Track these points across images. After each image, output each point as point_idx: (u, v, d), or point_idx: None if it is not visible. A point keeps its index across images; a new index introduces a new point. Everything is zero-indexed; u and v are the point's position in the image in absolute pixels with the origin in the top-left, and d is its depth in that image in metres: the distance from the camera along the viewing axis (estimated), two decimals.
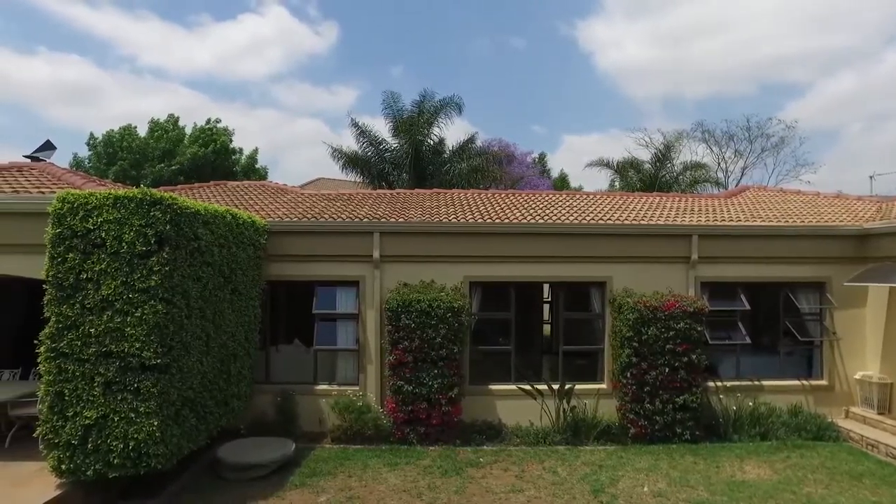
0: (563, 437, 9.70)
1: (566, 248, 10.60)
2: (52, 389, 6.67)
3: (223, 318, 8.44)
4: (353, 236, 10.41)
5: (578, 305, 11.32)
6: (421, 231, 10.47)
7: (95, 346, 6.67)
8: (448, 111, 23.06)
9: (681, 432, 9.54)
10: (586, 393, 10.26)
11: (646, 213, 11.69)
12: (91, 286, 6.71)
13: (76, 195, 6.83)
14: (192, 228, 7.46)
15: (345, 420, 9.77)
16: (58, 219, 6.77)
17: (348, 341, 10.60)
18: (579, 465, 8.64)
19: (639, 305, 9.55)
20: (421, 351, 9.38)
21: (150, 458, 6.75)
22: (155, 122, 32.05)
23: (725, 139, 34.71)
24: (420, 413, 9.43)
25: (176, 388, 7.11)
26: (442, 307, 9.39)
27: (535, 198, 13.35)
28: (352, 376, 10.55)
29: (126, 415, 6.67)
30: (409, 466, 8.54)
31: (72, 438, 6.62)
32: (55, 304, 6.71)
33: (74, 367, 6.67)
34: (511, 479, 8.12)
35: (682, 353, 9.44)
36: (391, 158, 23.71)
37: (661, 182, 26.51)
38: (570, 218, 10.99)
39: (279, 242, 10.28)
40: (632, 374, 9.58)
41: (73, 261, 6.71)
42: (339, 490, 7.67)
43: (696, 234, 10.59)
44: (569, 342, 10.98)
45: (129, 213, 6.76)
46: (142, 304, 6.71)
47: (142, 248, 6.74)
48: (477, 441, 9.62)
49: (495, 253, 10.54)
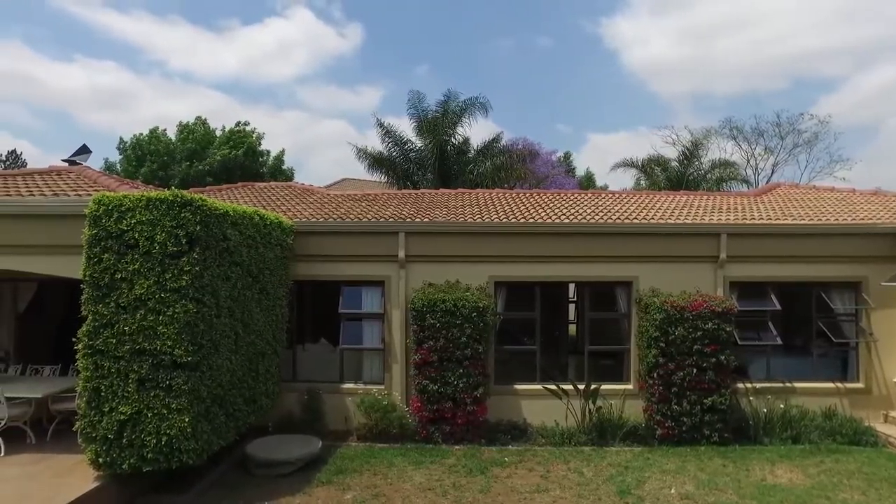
0: (589, 438, 9.64)
1: (592, 248, 10.53)
2: (89, 385, 6.88)
3: (251, 318, 8.59)
4: (378, 236, 10.49)
5: (604, 305, 11.23)
6: (446, 231, 10.51)
7: (130, 343, 6.86)
8: (473, 111, 23.04)
9: (709, 434, 9.39)
10: (612, 393, 10.18)
11: (673, 211, 11.55)
12: (125, 286, 6.89)
13: (111, 197, 7.03)
14: (221, 229, 7.61)
15: (370, 419, 9.86)
16: (94, 220, 6.96)
17: (374, 341, 10.69)
18: (605, 466, 8.58)
19: (666, 305, 9.45)
20: (446, 350, 9.42)
21: (182, 453, 6.91)
22: (184, 125, 32.72)
23: (755, 136, 34.00)
24: (445, 412, 9.47)
25: (206, 385, 7.26)
26: (467, 307, 9.42)
27: (561, 197, 13.28)
28: (377, 375, 10.65)
29: (159, 411, 6.84)
30: (435, 465, 8.58)
31: (108, 433, 6.82)
32: (92, 303, 6.92)
33: (110, 364, 6.87)
34: (536, 479, 8.10)
35: (711, 354, 9.31)
36: (416, 158, 23.79)
37: (689, 180, 26.13)
38: (595, 217, 10.91)
39: (306, 242, 10.42)
40: (658, 375, 9.49)
41: (109, 261, 6.90)
42: (365, 488, 7.74)
43: (724, 233, 10.41)
44: (594, 342, 10.90)
45: (161, 215, 6.92)
46: (173, 304, 6.88)
47: (173, 249, 6.90)
48: (502, 441, 9.62)
49: (520, 253, 10.52)
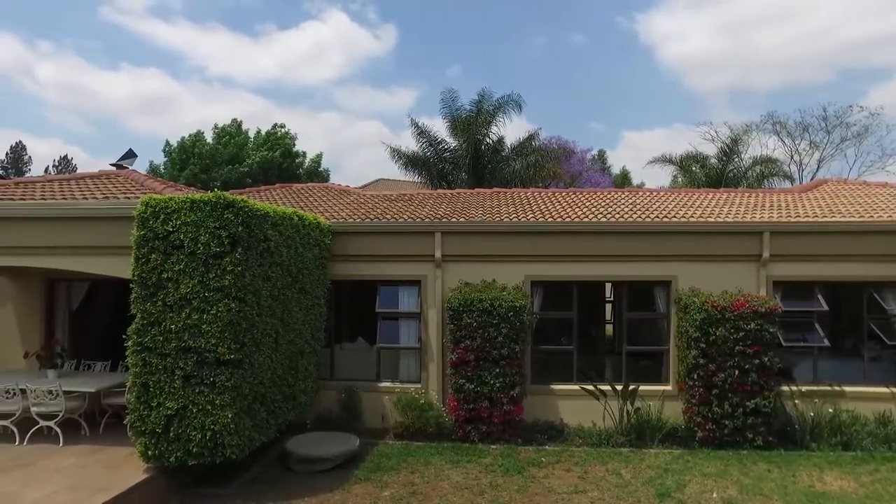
0: (627, 439, 9.51)
1: (629, 247, 10.38)
2: (138, 381, 7.14)
3: (291, 317, 8.76)
4: (414, 236, 10.56)
5: (642, 305, 11.06)
6: (482, 230, 10.51)
7: (175, 341, 7.08)
8: (507, 109, 22.99)
9: (752, 438, 9.15)
10: (650, 394, 10.02)
11: (712, 209, 11.29)
12: (171, 285, 7.12)
13: (157, 199, 7.27)
14: (262, 230, 7.79)
15: (407, 417, 9.94)
16: (141, 222, 7.21)
17: (410, 340, 10.77)
18: (644, 468, 8.46)
19: (706, 305, 9.25)
20: (482, 350, 9.42)
21: (226, 448, 7.11)
22: (220, 128, 33.48)
23: (799, 130, 32.81)
24: (482, 411, 9.48)
25: (248, 382, 7.44)
26: (503, 306, 9.40)
27: (597, 196, 13.14)
28: (414, 374, 10.73)
29: (203, 406, 7.05)
30: (471, 464, 8.60)
31: (156, 427, 7.06)
32: (140, 302, 7.17)
33: (157, 360, 7.11)
34: (574, 479, 8.04)
35: (753, 355, 9.07)
36: (450, 158, 23.86)
37: (728, 177, 25.49)
38: (633, 216, 10.76)
39: (343, 243, 10.56)
40: (699, 376, 9.30)
41: (156, 261, 7.15)
42: (402, 486, 7.81)
43: (767, 231, 10.12)
44: (632, 342, 10.75)
45: (205, 216, 7.12)
46: (216, 303, 7.07)
47: (216, 249, 7.09)
48: (539, 441, 9.57)
49: (557, 252, 10.45)
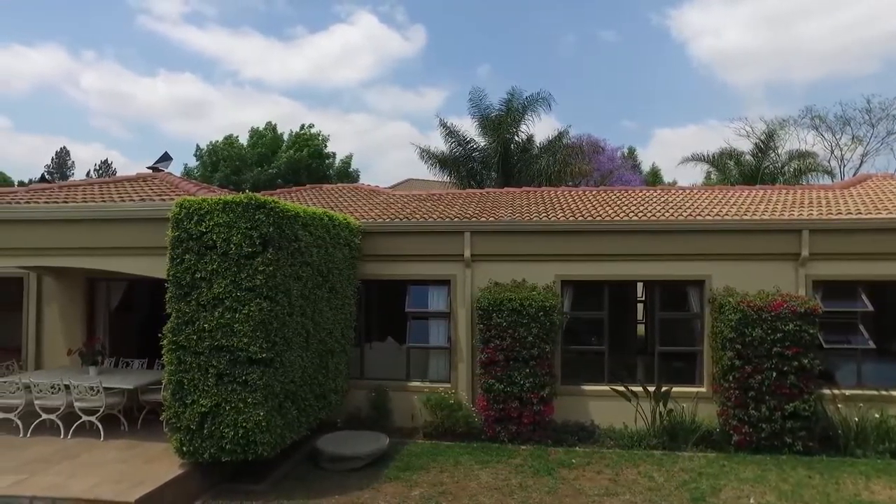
0: (660, 442, 9.35)
1: (662, 246, 10.19)
2: (173, 379, 7.29)
3: (321, 316, 8.84)
4: (444, 236, 10.56)
5: (675, 305, 10.87)
6: (511, 230, 10.46)
7: (209, 340, 7.21)
8: (536, 108, 22.84)
9: (791, 442, 8.89)
10: (684, 396, 9.83)
11: (748, 207, 10.99)
12: (205, 285, 7.25)
13: (191, 201, 7.42)
14: (292, 230, 7.87)
15: (436, 416, 9.95)
16: (176, 223, 7.36)
17: (440, 339, 10.78)
18: (677, 472, 8.30)
19: (742, 305, 9.03)
20: (512, 350, 9.37)
21: (258, 445, 7.21)
22: (254, 131, 34.08)
23: (840, 124, 31.66)
24: (511, 412, 9.43)
25: (279, 381, 7.53)
26: (534, 306, 9.34)
27: (628, 194, 12.93)
28: (443, 374, 10.72)
29: (236, 404, 7.16)
30: (501, 465, 8.56)
31: (190, 424, 7.20)
32: (175, 301, 7.32)
33: (191, 358, 7.25)
34: (605, 482, 7.94)
35: (792, 357, 8.81)
36: (479, 157, 23.82)
37: (764, 174, 24.84)
38: (665, 214, 10.57)
39: (373, 242, 10.62)
40: (734, 378, 9.07)
41: (190, 261, 7.28)
42: (432, 485, 7.81)
43: (806, 229, 9.82)
44: (665, 343, 10.56)
45: (237, 217, 7.23)
46: (248, 302, 7.18)
47: (248, 250, 7.19)
48: (569, 442, 9.48)
49: (587, 251, 10.33)
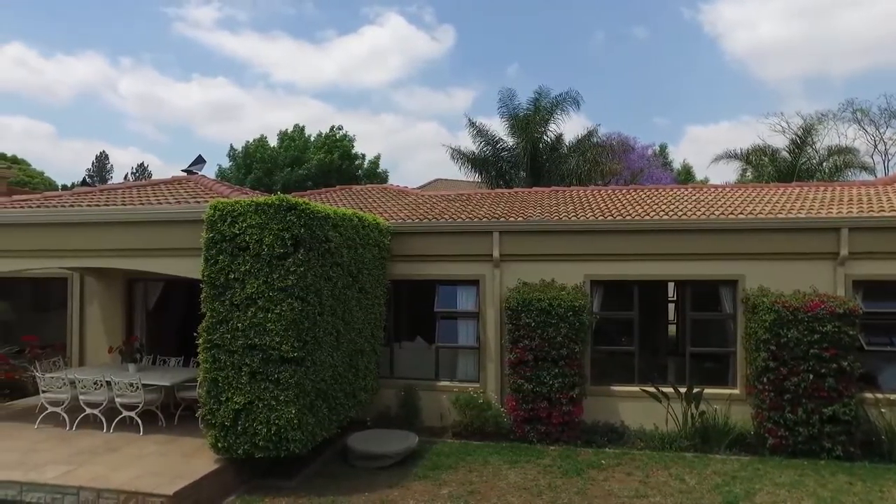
0: (691, 444, 9.21)
1: (693, 245, 10.04)
2: (208, 376, 7.48)
3: (351, 316, 8.96)
4: (472, 236, 10.59)
5: (707, 305, 10.67)
6: (540, 230, 10.42)
7: (242, 339, 7.38)
8: (565, 106, 22.73)
9: (830, 447, 8.64)
10: (716, 397, 9.66)
11: (783, 205, 10.74)
12: (238, 285, 7.42)
13: (225, 203, 7.59)
14: (323, 231, 7.99)
15: (465, 416, 9.98)
16: (210, 225, 7.54)
17: (469, 339, 10.81)
18: (709, 475, 8.17)
19: (776, 306, 8.83)
20: (541, 350, 9.34)
21: (290, 442, 7.35)
22: (284, 133, 34.58)
23: (885, 117, 30.46)
24: (540, 412, 9.41)
25: (310, 379, 7.66)
26: (563, 306, 9.29)
27: (658, 193, 12.75)
28: (472, 373, 10.75)
29: (268, 402, 7.31)
30: (529, 465, 8.56)
31: (225, 420, 7.38)
32: (209, 301, 7.50)
33: (226, 357, 7.43)
34: (635, 483, 7.87)
35: (830, 359, 8.58)
36: (508, 157, 23.81)
37: (801, 170, 24.14)
38: (697, 213, 10.40)
39: (402, 243, 10.70)
40: (769, 380, 8.88)
41: (223, 262, 7.46)
42: (461, 484, 7.84)
43: (846, 227, 9.53)
44: (696, 343, 10.39)
45: (269, 219, 7.38)
46: (280, 302, 7.32)
47: (280, 251, 7.34)
48: (598, 443, 9.41)
49: (617, 251, 10.24)
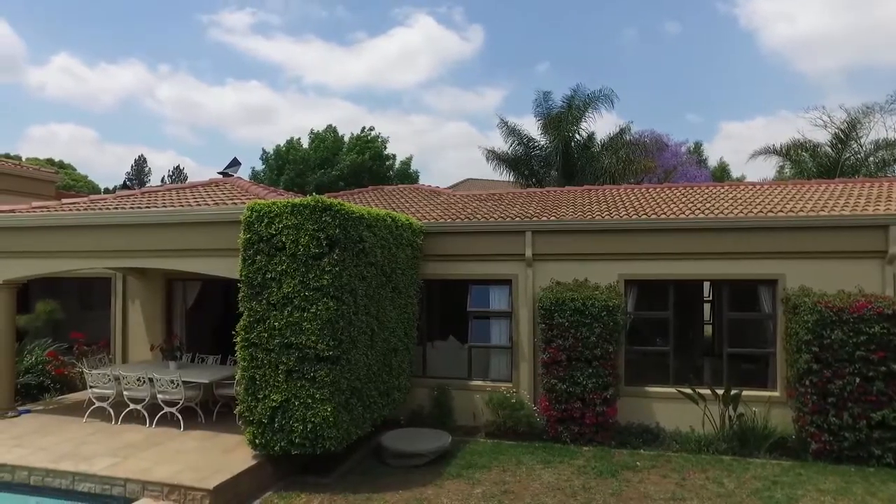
0: (729, 447, 9.01)
1: (731, 244, 9.82)
2: (246, 374, 7.64)
3: (385, 315, 9.03)
4: (505, 235, 10.57)
5: (744, 305, 10.44)
6: (573, 229, 10.34)
7: (279, 337, 7.51)
8: (598, 105, 22.51)
9: (880, 454, 8.31)
10: (755, 400, 9.44)
11: (826, 202, 10.43)
12: (274, 285, 7.55)
13: (262, 204, 7.73)
14: (357, 231, 8.08)
15: (498, 416, 9.97)
16: (248, 225, 7.69)
17: (501, 339, 10.79)
18: (749, 479, 7.99)
19: (819, 306, 8.57)
20: (575, 350, 9.28)
21: (325, 440, 7.46)
22: (315, 134, 34.96)
23: None
24: (574, 412, 9.34)
25: (346, 378, 7.75)
26: (596, 306, 9.21)
27: (693, 191, 12.52)
28: (505, 373, 10.73)
29: (304, 400, 7.43)
30: (563, 465, 8.50)
31: (262, 417, 7.53)
32: (247, 301, 7.66)
33: (263, 355, 7.57)
34: (671, 486, 7.75)
35: (879, 362, 8.28)
36: (540, 156, 23.72)
37: (845, 166, 23.33)
38: (734, 211, 10.18)
39: (434, 243, 10.75)
40: (811, 383, 8.62)
41: (260, 262, 7.61)
42: (494, 483, 7.84)
43: (895, 225, 9.23)
44: (734, 344, 10.17)
45: (304, 219, 7.49)
46: (316, 301, 7.42)
47: (315, 251, 7.44)
48: (633, 444, 9.30)
49: (652, 250, 10.09)
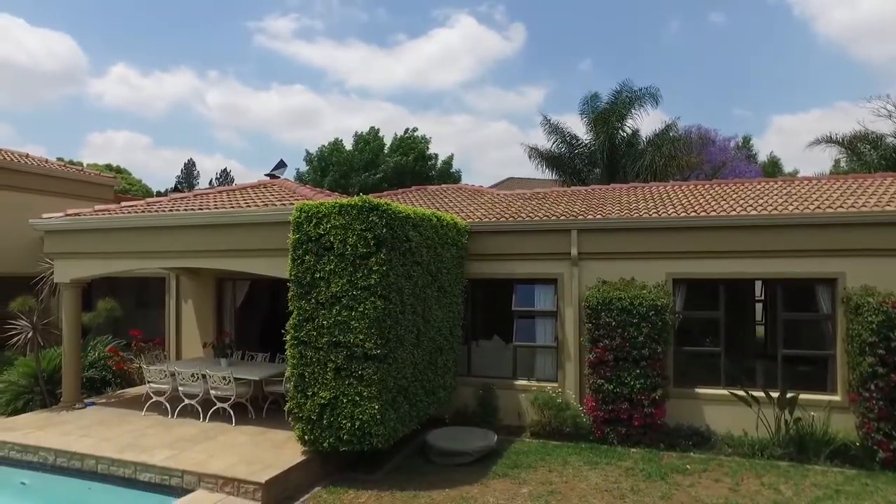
0: (786, 452, 8.71)
1: (785, 241, 9.48)
2: (295, 372, 7.80)
3: (431, 314, 9.08)
4: (550, 234, 10.49)
5: (800, 304, 10.06)
6: (619, 227, 10.18)
7: (327, 336, 7.64)
8: (643, 102, 22.15)
9: None
10: (813, 404, 9.08)
11: (891, 196, 9.95)
12: (323, 284, 7.68)
13: (310, 205, 7.87)
14: (404, 231, 8.14)
15: (543, 416, 9.90)
16: (297, 226, 7.85)
17: (547, 338, 10.72)
18: (808, 487, 7.69)
19: (885, 306, 8.17)
20: (622, 350, 9.15)
21: (373, 437, 7.55)
22: (359, 136, 35.40)
23: None
24: (621, 413, 9.20)
25: (392, 376, 7.83)
26: (644, 305, 9.06)
27: (744, 187, 12.13)
28: (550, 373, 10.65)
29: (352, 398, 7.54)
30: (610, 467, 8.39)
31: (311, 414, 7.67)
32: (296, 299, 7.82)
33: (312, 353, 7.72)
34: (724, 491, 7.54)
35: None
36: (583, 154, 23.49)
37: None
38: (788, 207, 9.82)
39: (479, 242, 10.75)
40: (877, 387, 8.23)
41: (309, 262, 7.75)
42: (541, 484, 7.79)
43: None
44: (789, 346, 9.82)
45: (352, 219, 7.60)
46: (363, 301, 7.52)
47: (363, 250, 7.54)
48: (682, 446, 9.09)
49: (701, 248, 9.84)
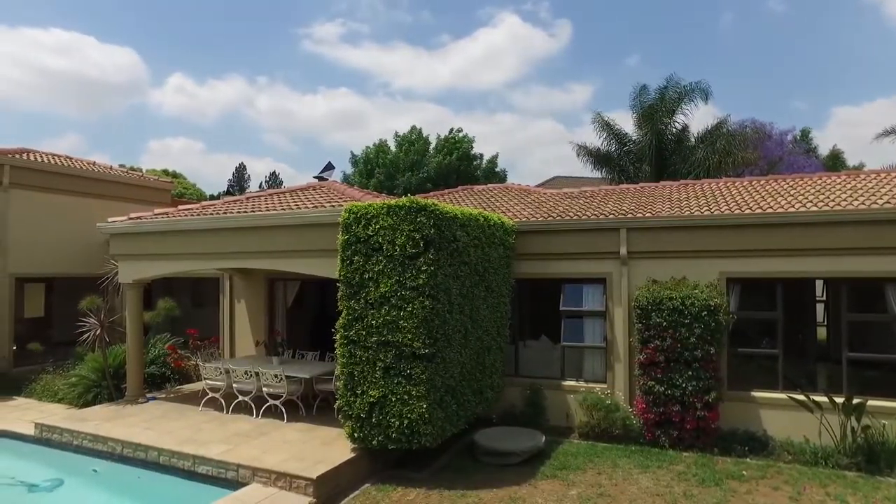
0: (853, 462, 8.29)
1: (849, 239, 9.05)
2: (345, 371, 7.95)
3: (478, 314, 9.09)
4: (598, 233, 10.36)
5: (866, 305, 9.61)
6: (670, 226, 9.95)
7: (376, 335, 7.75)
8: (693, 97, 21.58)
9: None
10: (884, 412, 8.64)
11: None
12: (372, 284, 7.81)
13: (358, 206, 8.00)
14: (451, 231, 8.18)
15: (592, 417, 9.76)
16: (346, 227, 8.00)
17: (595, 338, 10.57)
18: (880, 500, 7.25)
19: None
20: (673, 351, 8.94)
21: (421, 436, 7.62)
22: (402, 137, 35.67)
23: None
24: (672, 416, 8.99)
25: (440, 376, 7.88)
26: (696, 305, 8.83)
27: (802, 182, 11.63)
28: (599, 373, 10.51)
29: (401, 396, 7.63)
30: (662, 470, 8.21)
31: (360, 412, 7.80)
32: (346, 299, 7.96)
33: (361, 352, 7.85)
34: (783, 499, 7.26)
35: None
36: (632, 151, 23.08)
37: None
38: (853, 202, 9.39)
39: (526, 241, 10.70)
40: None
41: (358, 263, 7.88)
42: (590, 486, 7.70)
43: None
44: (855, 349, 9.38)
45: (400, 220, 7.69)
46: (412, 300, 7.60)
47: (411, 251, 7.62)
48: (738, 452, 8.80)
49: (756, 246, 9.50)
